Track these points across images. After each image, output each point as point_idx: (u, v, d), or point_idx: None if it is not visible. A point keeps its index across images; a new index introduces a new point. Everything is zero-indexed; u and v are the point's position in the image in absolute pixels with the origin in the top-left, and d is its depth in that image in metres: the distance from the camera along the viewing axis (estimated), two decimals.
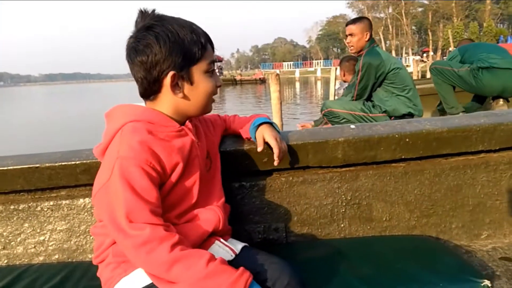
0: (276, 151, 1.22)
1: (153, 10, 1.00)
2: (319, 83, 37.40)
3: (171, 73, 0.97)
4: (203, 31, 1.03)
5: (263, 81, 43.61)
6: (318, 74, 49.35)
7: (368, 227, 1.45)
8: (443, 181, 1.44)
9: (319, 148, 1.36)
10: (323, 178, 1.42)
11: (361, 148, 1.37)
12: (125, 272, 0.95)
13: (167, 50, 0.95)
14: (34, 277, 1.23)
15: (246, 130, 1.32)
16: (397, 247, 1.31)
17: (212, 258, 0.88)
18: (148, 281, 0.91)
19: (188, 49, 0.97)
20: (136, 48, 0.97)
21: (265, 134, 1.25)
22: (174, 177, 0.99)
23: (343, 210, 1.44)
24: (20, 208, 1.40)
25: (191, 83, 1.01)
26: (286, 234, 1.43)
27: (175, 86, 1.00)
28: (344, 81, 4.24)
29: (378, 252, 1.27)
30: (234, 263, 0.99)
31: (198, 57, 1.00)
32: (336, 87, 12.13)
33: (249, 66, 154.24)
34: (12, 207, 1.40)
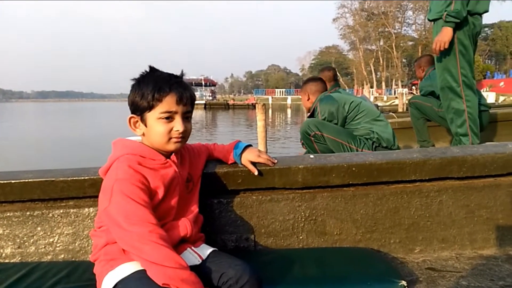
0: (268, 163, 1.62)
1: (148, 69, 1.35)
2: None
3: (129, 116, 1.33)
4: (169, 88, 1.27)
5: (255, 106, 43.91)
6: None
7: (322, 240, 1.75)
8: (384, 203, 1.76)
9: (283, 172, 1.67)
10: (287, 197, 1.73)
11: (317, 174, 1.69)
12: (111, 268, 1.22)
13: (130, 101, 1.33)
14: (43, 272, 1.46)
15: (228, 158, 1.64)
16: (344, 256, 1.60)
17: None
18: (127, 273, 1.18)
19: (139, 101, 1.28)
20: None
21: (250, 159, 1.60)
22: (157, 196, 1.29)
23: (302, 224, 1.74)
24: (34, 214, 1.67)
25: (146, 125, 1.31)
26: (254, 243, 1.72)
27: (135, 126, 1.34)
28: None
29: (328, 260, 1.55)
30: (202, 266, 1.27)
31: (149, 107, 1.27)
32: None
33: (242, 91, 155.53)
34: (28, 213, 1.67)
